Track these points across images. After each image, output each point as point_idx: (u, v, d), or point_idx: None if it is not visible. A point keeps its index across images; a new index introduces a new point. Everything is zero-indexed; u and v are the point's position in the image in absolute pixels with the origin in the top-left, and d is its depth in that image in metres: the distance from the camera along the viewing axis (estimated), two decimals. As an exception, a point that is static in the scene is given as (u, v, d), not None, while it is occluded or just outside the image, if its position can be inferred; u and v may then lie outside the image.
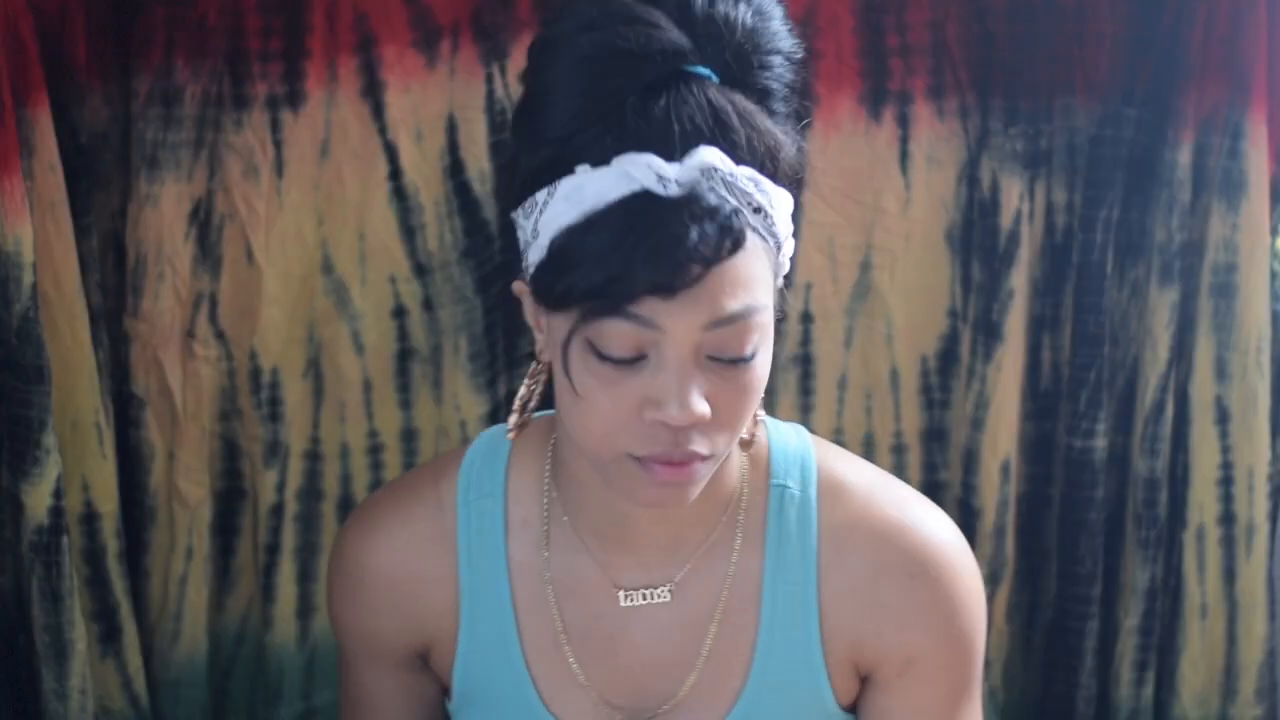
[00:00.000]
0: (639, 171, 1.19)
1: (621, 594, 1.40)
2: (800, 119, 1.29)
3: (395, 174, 1.72)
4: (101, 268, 1.67)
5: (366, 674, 1.47)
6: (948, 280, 1.80)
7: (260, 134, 1.68)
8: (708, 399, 1.24)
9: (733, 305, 1.22)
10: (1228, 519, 1.81)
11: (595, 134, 1.21)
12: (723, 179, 1.20)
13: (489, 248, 1.74)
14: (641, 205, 1.19)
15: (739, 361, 1.24)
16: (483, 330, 1.75)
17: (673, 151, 1.20)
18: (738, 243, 1.21)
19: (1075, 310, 1.79)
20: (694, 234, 1.19)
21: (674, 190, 1.19)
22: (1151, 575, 1.81)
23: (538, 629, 1.41)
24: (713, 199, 1.19)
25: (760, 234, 1.23)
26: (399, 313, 1.74)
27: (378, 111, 1.70)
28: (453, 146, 1.72)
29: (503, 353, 1.76)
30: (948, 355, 1.81)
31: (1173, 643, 1.83)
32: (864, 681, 1.43)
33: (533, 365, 1.35)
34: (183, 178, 1.67)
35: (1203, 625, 1.82)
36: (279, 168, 1.69)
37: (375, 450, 1.76)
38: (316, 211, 1.71)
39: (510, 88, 1.71)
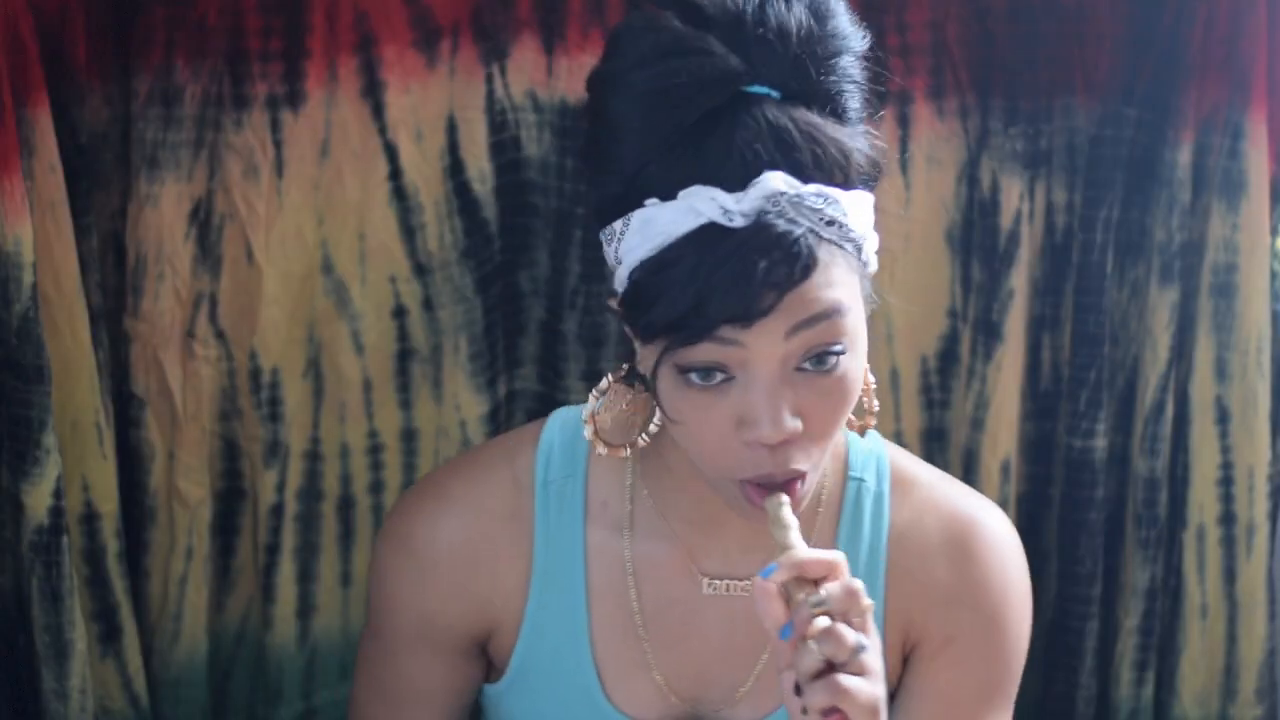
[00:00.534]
0: (703, 205, 1.20)
1: (705, 581, 1.40)
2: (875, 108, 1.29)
3: (395, 174, 1.71)
4: (101, 268, 1.66)
5: (414, 662, 1.45)
6: (948, 280, 1.80)
7: (260, 134, 1.68)
8: (799, 412, 1.24)
9: (810, 310, 1.23)
10: (1228, 519, 1.81)
11: (660, 169, 1.22)
12: (790, 201, 1.20)
13: (489, 248, 1.74)
14: (710, 239, 1.20)
15: (826, 363, 1.25)
16: (483, 330, 1.74)
17: (735, 182, 1.20)
18: (809, 266, 1.21)
19: (1075, 310, 1.79)
20: (762, 265, 1.19)
21: (739, 222, 1.20)
22: (1151, 575, 1.81)
23: (608, 613, 1.42)
24: (780, 225, 1.19)
25: (836, 244, 1.23)
26: (399, 313, 1.74)
27: (378, 111, 1.70)
28: (453, 146, 1.72)
29: (503, 353, 1.76)
30: (948, 355, 1.81)
31: (1173, 643, 1.83)
32: (904, 665, 1.44)
33: (638, 384, 1.35)
34: (183, 178, 1.67)
35: (1203, 625, 1.82)
36: (279, 168, 1.69)
37: (375, 450, 1.75)
38: (316, 211, 1.71)
39: (510, 87, 1.71)
